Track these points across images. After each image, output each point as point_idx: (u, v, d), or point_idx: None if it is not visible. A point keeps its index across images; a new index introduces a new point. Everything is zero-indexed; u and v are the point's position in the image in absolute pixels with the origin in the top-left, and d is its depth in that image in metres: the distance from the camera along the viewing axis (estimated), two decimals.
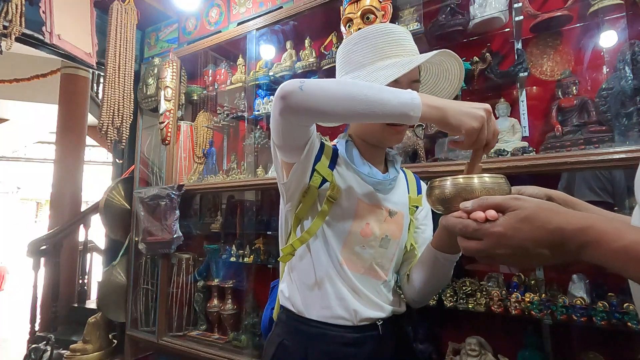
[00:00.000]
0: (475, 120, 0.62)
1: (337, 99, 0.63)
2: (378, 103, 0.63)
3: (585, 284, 1.27)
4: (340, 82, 0.67)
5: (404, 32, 0.80)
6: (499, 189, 0.58)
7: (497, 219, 0.49)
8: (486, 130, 0.63)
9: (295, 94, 0.63)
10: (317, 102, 0.63)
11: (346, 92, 0.64)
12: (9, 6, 1.80)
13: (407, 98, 0.63)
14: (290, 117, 0.67)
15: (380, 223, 0.82)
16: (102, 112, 2.24)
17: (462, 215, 0.53)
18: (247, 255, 2.06)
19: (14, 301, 6.20)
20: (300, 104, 0.64)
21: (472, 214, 0.51)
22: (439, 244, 0.73)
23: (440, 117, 0.64)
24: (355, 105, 0.63)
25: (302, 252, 0.82)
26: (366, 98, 0.63)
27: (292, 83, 0.64)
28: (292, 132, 0.71)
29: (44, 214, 10.84)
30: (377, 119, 0.66)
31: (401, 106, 0.63)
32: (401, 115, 0.64)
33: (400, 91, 0.65)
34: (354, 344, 0.78)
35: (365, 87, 0.65)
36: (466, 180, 0.57)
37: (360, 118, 0.67)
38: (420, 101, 0.63)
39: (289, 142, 0.73)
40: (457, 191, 0.58)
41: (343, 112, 0.64)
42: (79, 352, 2.40)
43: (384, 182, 0.83)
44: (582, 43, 1.44)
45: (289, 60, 2.01)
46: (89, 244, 3.47)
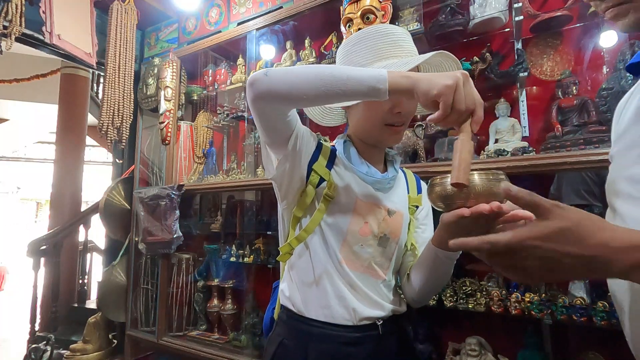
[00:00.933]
0: (447, 78, 0.58)
1: (302, 80, 0.64)
2: (344, 80, 0.63)
3: (585, 284, 1.27)
4: (307, 66, 0.69)
5: (403, 33, 0.80)
6: (497, 184, 0.58)
7: (531, 219, 0.46)
8: (462, 92, 0.58)
9: (260, 80, 0.65)
10: (283, 85, 0.65)
11: (311, 72, 0.65)
12: (9, 6, 1.80)
13: (373, 72, 0.63)
14: (261, 104, 0.68)
15: (379, 222, 0.82)
16: (102, 112, 2.24)
17: (493, 207, 0.53)
18: (247, 255, 2.06)
19: (14, 301, 6.20)
20: (267, 89, 0.65)
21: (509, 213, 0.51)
22: (440, 242, 0.73)
23: (410, 84, 0.61)
24: (320, 84, 0.63)
25: (301, 250, 0.82)
26: (330, 76, 0.63)
27: (258, 72, 0.67)
28: (271, 122, 0.72)
29: (44, 214, 10.84)
30: (347, 96, 0.65)
31: (368, 79, 0.62)
32: (369, 89, 0.63)
33: (367, 69, 0.65)
34: (354, 344, 0.78)
35: (330, 67, 0.65)
36: (469, 177, 0.57)
37: (330, 98, 0.67)
38: (386, 73, 0.62)
39: (272, 136, 0.75)
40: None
41: (310, 93, 0.65)
42: (79, 352, 2.40)
43: (382, 181, 0.83)
44: (582, 43, 1.44)
45: (289, 60, 2.01)
46: (89, 244, 3.47)
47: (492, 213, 0.56)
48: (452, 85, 0.58)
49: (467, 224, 0.60)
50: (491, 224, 0.59)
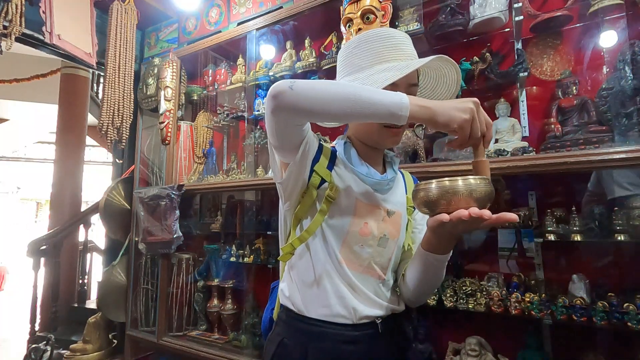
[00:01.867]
0: (464, 112, 0.64)
1: (327, 99, 0.65)
2: (367, 103, 0.65)
3: (585, 284, 1.27)
4: (331, 82, 0.68)
5: (403, 36, 0.81)
6: (483, 190, 0.59)
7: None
8: (478, 122, 0.65)
9: (285, 93, 0.65)
10: (307, 102, 0.65)
11: (336, 92, 0.65)
12: (9, 6, 1.80)
13: (396, 98, 0.65)
14: (282, 116, 0.68)
15: (379, 222, 0.82)
16: (102, 112, 2.24)
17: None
18: (247, 255, 2.06)
19: (14, 301, 6.20)
20: (290, 103, 0.65)
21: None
22: (428, 245, 0.74)
23: (429, 115, 0.66)
24: (344, 105, 0.65)
25: (302, 251, 0.83)
26: (355, 98, 0.65)
27: (283, 83, 0.66)
28: (286, 131, 0.72)
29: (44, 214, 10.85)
30: (366, 118, 0.67)
31: (389, 106, 0.65)
32: (390, 115, 0.65)
33: (389, 92, 0.67)
34: (353, 342, 0.78)
35: (355, 88, 0.66)
36: (451, 183, 0.59)
37: (350, 117, 0.69)
38: (408, 101, 0.65)
39: (284, 142, 0.75)
40: (441, 193, 0.59)
41: (333, 112, 0.66)
42: (79, 352, 2.40)
43: (382, 182, 0.84)
44: (582, 43, 1.44)
45: (289, 60, 2.01)
46: (89, 244, 3.47)
47: (470, 219, 0.58)
48: (470, 120, 0.65)
49: (450, 228, 0.62)
50: (475, 226, 0.61)
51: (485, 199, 0.59)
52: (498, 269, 1.50)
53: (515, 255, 1.48)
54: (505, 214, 0.59)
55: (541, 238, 1.34)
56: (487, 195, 0.60)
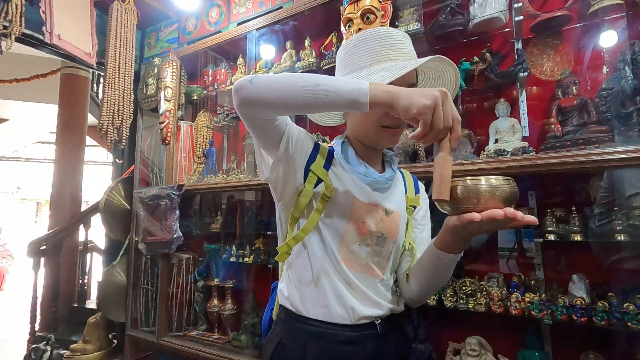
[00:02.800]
0: (425, 98, 0.60)
1: (285, 90, 0.66)
2: (324, 90, 0.64)
3: (585, 284, 1.27)
4: (291, 74, 0.68)
5: (402, 36, 0.81)
6: (509, 190, 0.59)
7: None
8: (441, 111, 0.60)
9: (245, 87, 0.67)
10: (266, 94, 0.66)
11: (293, 82, 0.66)
12: (9, 6, 1.80)
13: (355, 85, 0.64)
14: (245, 110, 0.70)
15: (377, 221, 0.82)
16: (102, 112, 2.24)
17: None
18: (247, 255, 2.06)
19: (14, 301, 6.20)
20: (250, 97, 0.67)
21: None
22: (442, 244, 0.73)
23: (390, 100, 0.63)
24: (302, 94, 0.65)
25: (299, 250, 0.83)
26: (312, 87, 0.64)
27: (244, 78, 0.68)
28: (257, 126, 0.73)
29: (44, 214, 10.85)
30: (328, 107, 0.67)
31: (348, 92, 0.64)
32: (350, 102, 0.64)
33: (350, 80, 0.66)
34: (352, 343, 0.78)
35: (313, 77, 0.66)
36: (486, 181, 0.59)
37: (311, 107, 0.68)
38: (367, 87, 0.63)
39: (261, 138, 0.76)
40: (470, 192, 0.59)
41: (292, 102, 0.66)
42: (79, 352, 2.40)
43: (380, 182, 0.83)
44: (582, 43, 1.44)
45: (289, 60, 2.01)
46: (89, 244, 3.47)
47: (505, 219, 0.58)
48: (431, 105, 0.60)
49: (475, 228, 0.62)
50: (502, 226, 0.61)
51: (512, 199, 0.60)
52: (498, 269, 1.50)
53: (515, 255, 1.48)
54: (529, 217, 0.59)
55: (541, 238, 1.34)
56: (513, 195, 0.60)
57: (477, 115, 1.60)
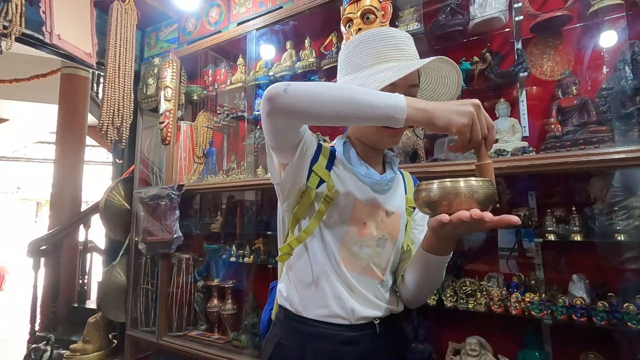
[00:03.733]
0: (463, 116, 0.61)
1: (322, 102, 0.64)
2: (363, 105, 0.63)
3: (585, 284, 1.27)
4: (327, 85, 0.67)
5: (404, 36, 0.80)
6: (485, 192, 0.59)
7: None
8: (478, 125, 0.62)
9: (280, 96, 0.64)
10: (301, 105, 0.64)
11: (331, 94, 0.64)
12: (9, 6, 1.80)
13: (393, 101, 0.64)
14: (277, 119, 0.68)
15: (377, 223, 0.82)
16: (102, 112, 2.24)
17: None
18: (247, 255, 2.06)
19: (14, 301, 6.20)
20: (285, 106, 0.65)
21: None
22: (429, 246, 0.73)
23: (426, 118, 0.63)
24: (339, 107, 0.64)
25: (300, 251, 0.83)
26: (350, 100, 0.63)
27: (278, 85, 0.65)
28: (282, 133, 0.72)
29: (44, 214, 10.84)
30: (363, 121, 0.66)
31: (386, 108, 0.63)
32: (387, 118, 0.64)
33: (387, 94, 0.65)
34: (351, 343, 0.78)
35: (351, 90, 0.65)
36: (453, 184, 0.59)
37: (346, 120, 0.67)
38: (405, 104, 0.63)
39: (280, 143, 0.75)
40: (442, 194, 0.59)
41: (328, 114, 0.65)
42: (79, 352, 2.40)
43: (381, 183, 0.83)
44: (582, 43, 1.44)
45: (289, 60, 2.01)
46: (89, 244, 3.47)
47: (471, 220, 0.57)
48: (469, 124, 0.62)
49: (451, 229, 0.61)
50: (477, 228, 0.60)
51: (487, 200, 0.59)
52: (498, 269, 1.50)
53: (515, 255, 1.48)
54: (507, 217, 0.57)
55: (541, 238, 1.34)
56: (489, 197, 0.59)
57: None
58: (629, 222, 1.19)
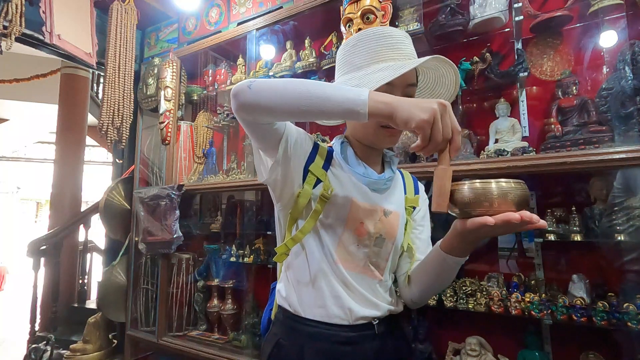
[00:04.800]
0: (424, 112, 0.59)
1: (284, 96, 0.65)
2: (323, 99, 0.64)
3: (585, 284, 1.27)
4: (290, 80, 0.68)
5: (402, 35, 0.80)
6: (521, 193, 0.59)
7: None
8: (440, 124, 0.59)
9: (243, 92, 0.66)
10: (264, 100, 0.66)
11: (293, 89, 0.65)
12: (9, 6, 1.80)
13: (354, 95, 0.63)
14: (243, 115, 0.70)
15: (375, 222, 0.82)
16: (102, 112, 2.24)
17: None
18: (247, 255, 2.06)
19: (14, 301, 6.20)
20: (248, 102, 0.67)
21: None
22: (450, 248, 0.73)
23: (389, 112, 0.62)
24: (300, 101, 0.64)
25: (298, 251, 0.83)
26: (311, 95, 0.64)
27: (243, 82, 0.67)
28: (256, 130, 0.73)
29: (44, 214, 10.84)
30: (326, 115, 0.66)
31: (347, 102, 0.63)
32: (348, 112, 0.63)
33: (349, 89, 0.65)
34: (350, 343, 0.78)
35: (312, 85, 0.65)
36: (484, 184, 0.59)
37: (309, 115, 0.68)
38: (367, 97, 0.62)
39: (259, 140, 0.76)
40: (476, 195, 0.59)
41: (290, 109, 0.66)
42: (79, 352, 2.40)
43: (379, 182, 0.83)
44: (582, 43, 1.44)
45: (289, 60, 2.01)
46: (89, 244, 3.47)
47: (521, 222, 0.57)
48: (429, 120, 0.59)
49: (487, 231, 0.61)
50: (514, 229, 0.60)
51: (523, 202, 0.59)
52: (498, 269, 1.50)
53: (515, 255, 1.48)
54: (542, 221, 0.58)
55: (541, 238, 1.34)
56: (526, 198, 0.59)
57: (477, 115, 1.60)
58: (631, 223, 1.19)
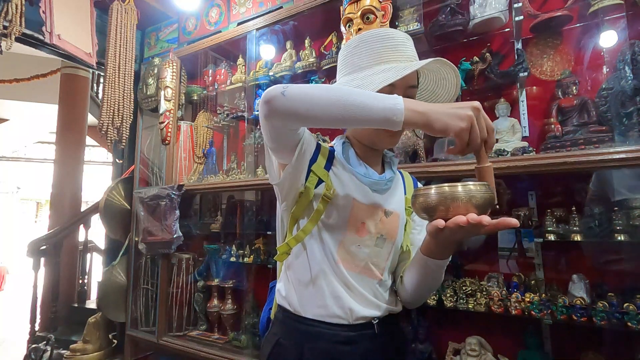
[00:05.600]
0: (461, 120, 0.60)
1: (319, 104, 0.64)
2: (360, 108, 0.63)
3: (585, 284, 1.27)
4: (325, 87, 0.67)
5: (403, 37, 0.80)
6: (482, 196, 0.58)
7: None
8: (477, 129, 0.61)
9: (278, 99, 0.65)
10: (299, 107, 0.65)
11: (328, 97, 0.64)
12: (9, 6, 1.80)
13: (390, 103, 0.63)
14: (275, 122, 0.69)
15: (376, 223, 0.82)
16: (102, 112, 2.24)
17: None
18: (247, 255, 2.06)
19: (14, 301, 6.20)
20: (283, 109, 0.65)
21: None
22: (427, 250, 0.74)
23: (424, 121, 0.62)
24: (336, 110, 0.64)
25: (298, 250, 0.83)
26: (348, 103, 0.63)
27: (276, 88, 0.66)
28: (280, 135, 0.73)
29: (44, 214, 10.84)
30: (360, 123, 0.66)
31: (384, 111, 0.63)
32: (384, 120, 0.63)
33: (385, 96, 0.64)
34: (350, 343, 0.78)
35: (349, 93, 0.65)
36: (450, 188, 0.58)
37: (344, 123, 0.67)
38: (403, 106, 0.62)
39: (279, 145, 0.75)
40: (439, 199, 0.59)
41: (325, 117, 0.65)
42: (79, 352, 2.40)
43: (379, 183, 0.83)
44: (582, 43, 1.44)
45: (289, 60, 2.01)
46: (89, 244, 3.47)
47: (468, 225, 0.56)
48: (468, 127, 0.60)
49: (449, 234, 0.60)
50: (475, 232, 0.59)
51: (485, 205, 0.58)
52: (498, 269, 1.50)
53: (515, 255, 1.48)
54: (506, 220, 0.57)
55: (541, 238, 1.34)
56: (487, 201, 0.58)
57: None
58: (630, 222, 1.20)
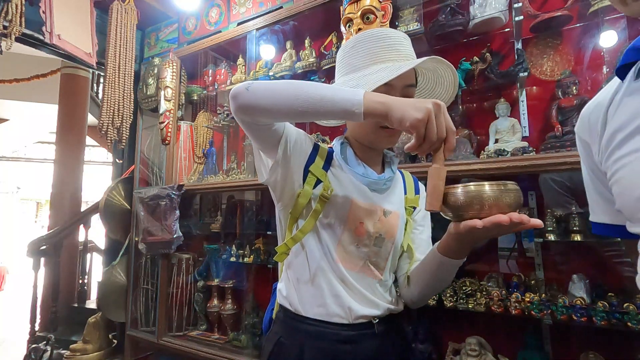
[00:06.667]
0: (418, 111, 0.60)
1: (282, 98, 0.66)
2: (319, 100, 0.65)
3: (585, 284, 1.27)
4: (287, 82, 0.69)
5: (400, 37, 0.80)
6: (514, 195, 0.58)
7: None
8: (434, 124, 0.60)
9: (241, 94, 0.69)
10: (262, 101, 0.67)
11: (290, 91, 0.66)
12: (9, 6, 1.80)
13: (349, 95, 0.64)
14: (242, 116, 0.71)
15: (375, 222, 0.82)
16: (102, 112, 2.24)
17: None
18: (247, 255, 2.06)
19: (14, 301, 6.20)
20: (247, 104, 0.69)
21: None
22: (446, 250, 0.73)
23: (384, 111, 0.63)
24: (298, 103, 0.66)
25: (298, 250, 0.83)
26: (308, 96, 0.65)
27: (242, 85, 0.69)
28: (255, 131, 0.75)
29: (44, 214, 10.85)
30: (323, 116, 0.68)
31: (342, 102, 0.64)
32: (344, 112, 0.64)
33: (345, 89, 0.66)
34: (350, 342, 0.79)
35: (309, 86, 0.67)
36: (477, 188, 0.59)
37: (307, 116, 0.69)
38: (362, 97, 0.63)
39: (260, 143, 0.78)
40: (468, 198, 0.59)
41: (287, 110, 0.67)
42: (79, 352, 2.40)
43: (378, 182, 0.84)
44: (582, 43, 1.44)
45: (289, 60, 2.01)
46: (89, 244, 3.47)
47: (511, 224, 0.57)
48: (424, 119, 0.59)
49: (480, 234, 0.61)
50: (508, 231, 0.60)
51: (516, 204, 0.59)
52: (498, 269, 1.50)
53: (515, 255, 1.48)
54: (533, 220, 0.58)
55: (541, 238, 1.34)
56: (518, 200, 0.59)
57: (477, 115, 1.60)
58: None
